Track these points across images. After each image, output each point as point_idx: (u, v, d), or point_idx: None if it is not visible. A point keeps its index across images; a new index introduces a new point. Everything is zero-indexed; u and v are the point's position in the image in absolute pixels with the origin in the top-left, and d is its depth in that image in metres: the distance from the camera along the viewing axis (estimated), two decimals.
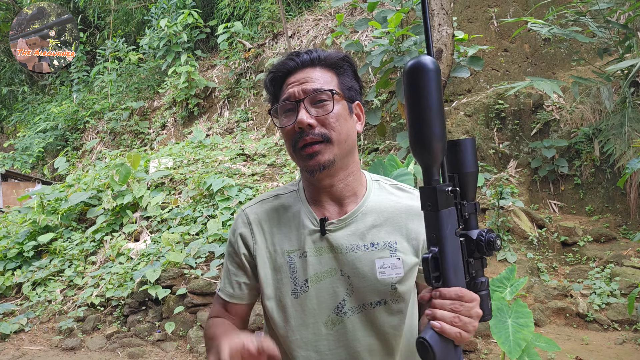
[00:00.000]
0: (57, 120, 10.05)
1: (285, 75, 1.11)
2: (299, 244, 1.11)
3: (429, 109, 0.81)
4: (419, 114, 0.82)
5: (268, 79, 1.13)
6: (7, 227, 5.95)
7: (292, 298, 1.09)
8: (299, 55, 1.11)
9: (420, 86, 0.81)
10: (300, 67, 1.10)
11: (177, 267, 4.24)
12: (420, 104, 0.82)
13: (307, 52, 1.11)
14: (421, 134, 0.82)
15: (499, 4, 6.33)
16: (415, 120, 0.82)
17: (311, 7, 8.85)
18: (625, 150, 4.31)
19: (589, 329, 3.71)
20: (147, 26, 9.80)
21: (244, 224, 1.17)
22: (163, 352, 3.81)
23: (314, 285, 1.09)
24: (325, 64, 1.11)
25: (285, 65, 1.11)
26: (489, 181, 5.02)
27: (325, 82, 1.09)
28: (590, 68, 5.29)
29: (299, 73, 1.10)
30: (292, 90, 1.08)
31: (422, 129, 0.82)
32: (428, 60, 0.82)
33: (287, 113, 1.09)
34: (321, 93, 1.07)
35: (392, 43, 4.61)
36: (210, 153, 6.37)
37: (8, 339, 4.18)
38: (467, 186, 0.86)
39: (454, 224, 0.84)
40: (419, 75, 0.81)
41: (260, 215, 1.16)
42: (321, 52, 1.12)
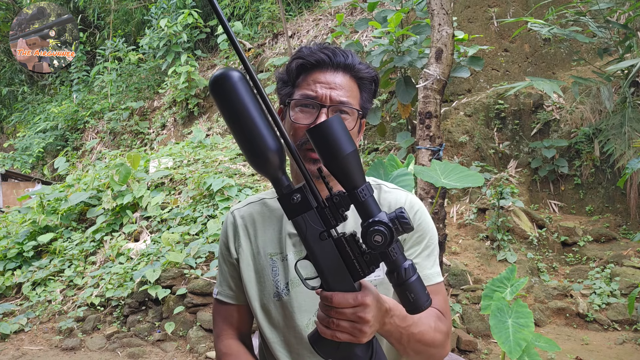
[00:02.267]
0: (57, 120, 10.05)
1: (314, 66, 1.08)
2: (281, 247, 1.12)
3: (247, 120, 0.78)
4: (240, 129, 0.78)
5: (296, 64, 1.09)
6: (7, 227, 5.95)
7: (274, 301, 1.11)
8: (335, 54, 1.08)
9: (228, 99, 0.77)
10: (333, 67, 1.07)
11: (177, 267, 4.24)
12: (235, 117, 0.78)
13: (343, 53, 1.08)
14: (251, 148, 0.78)
15: (499, 4, 6.33)
16: (240, 136, 0.79)
17: (311, 7, 8.85)
18: (625, 150, 4.30)
19: (589, 329, 3.71)
20: (147, 26, 9.80)
21: (231, 225, 1.18)
22: (163, 352, 3.81)
23: (294, 289, 1.10)
24: (356, 76, 1.09)
25: (318, 57, 1.07)
26: (489, 181, 5.02)
27: (352, 96, 1.08)
28: (590, 68, 5.28)
29: (330, 74, 1.07)
30: (321, 91, 1.05)
31: (250, 143, 0.78)
32: (226, 71, 0.78)
33: (304, 109, 1.07)
34: (349, 108, 1.06)
35: (392, 43, 4.61)
36: (210, 153, 6.37)
37: (8, 339, 4.18)
38: (346, 173, 0.77)
39: (314, 229, 0.80)
40: (221, 89, 0.78)
41: (246, 218, 1.18)
42: (356, 61, 1.09)
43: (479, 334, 3.65)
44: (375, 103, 5.58)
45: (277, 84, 1.14)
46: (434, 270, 1.13)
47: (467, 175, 2.60)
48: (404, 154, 4.96)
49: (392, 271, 0.79)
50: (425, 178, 2.54)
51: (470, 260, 4.31)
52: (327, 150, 0.77)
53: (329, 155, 0.77)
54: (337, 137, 0.77)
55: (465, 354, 3.39)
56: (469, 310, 3.76)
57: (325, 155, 0.78)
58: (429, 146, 3.45)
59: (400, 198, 1.15)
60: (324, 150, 0.77)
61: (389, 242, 0.75)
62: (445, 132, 5.37)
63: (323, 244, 0.81)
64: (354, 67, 1.08)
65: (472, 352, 3.41)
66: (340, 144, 0.77)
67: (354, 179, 0.78)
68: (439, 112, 3.53)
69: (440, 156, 3.43)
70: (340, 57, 1.08)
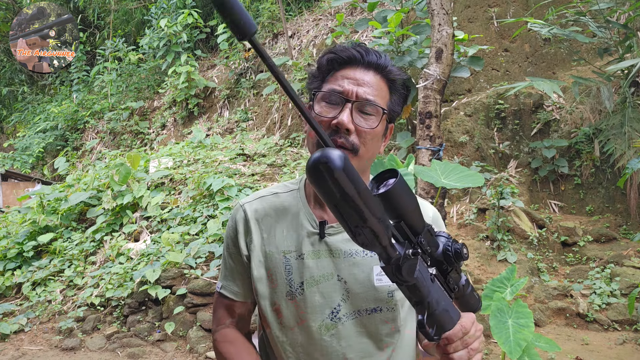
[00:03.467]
0: (57, 120, 10.04)
1: (345, 62, 1.06)
2: (297, 246, 1.08)
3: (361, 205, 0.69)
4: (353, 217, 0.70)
5: (327, 58, 1.07)
6: (7, 227, 5.95)
7: (286, 300, 1.08)
8: (368, 52, 1.06)
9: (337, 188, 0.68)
10: (364, 65, 1.06)
11: (177, 267, 4.24)
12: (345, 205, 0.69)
13: (376, 53, 1.07)
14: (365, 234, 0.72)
15: (499, 4, 6.32)
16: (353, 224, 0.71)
17: (311, 7, 8.85)
18: (625, 150, 4.30)
19: (589, 329, 3.70)
20: (147, 26, 9.80)
21: (241, 220, 1.14)
22: (163, 352, 3.80)
23: (310, 289, 1.06)
24: (387, 77, 1.08)
25: (349, 54, 1.06)
26: (489, 181, 5.01)
27: (380, 97, 1.05)
28: (591, 68, 5.28)
29: (360, 71, 1.05)
30: (348, 87, 1.03)
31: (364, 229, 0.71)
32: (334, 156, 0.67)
33: (328, 103, 1.04)
34: (374, 106, 1.04)
35: (392, 43, 4.61)
36: (210, 153, 6.37)
37: (8, 339, 4.17)
38: (414, 222, 0.78)
39: (426, 272, 0.81)
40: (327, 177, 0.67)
41: (258, 212, 1.13)
42: (389, 62, 1.08)
43: None
44: None
45: (308, 78, 1.13)
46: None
47: (467, 175, 2.60)
48: (404, 154, 4.96)
49: (455, 287, 0.87)
50: (425, 178, 2.54)
51: (471, 260, 4.31)
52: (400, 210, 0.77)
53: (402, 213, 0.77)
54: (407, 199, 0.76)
55: None
56: None
57: (399, 213, 0.77)
58: (429, 146, 3.45)
59: (428, 210, 1.18)
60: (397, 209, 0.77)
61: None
62: (446, 132, 5.36)
63: (435, 284, 0.83)
64: (385, 67, 1.07)
65: None
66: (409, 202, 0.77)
67: (422, 222, 0.81)
68: (439, 112, 3.53)
69: (440, 156, 3.43)
70: (373, 56, 1.06)
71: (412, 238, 0.80)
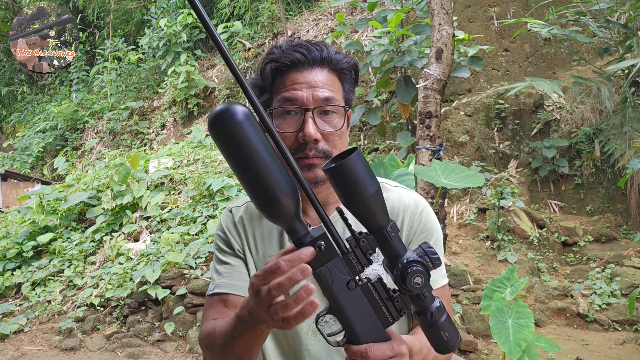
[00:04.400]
0: (57, 120, 10.04)
1: (289, 67, 1.02)
2: (280, 249, 1.07)
3: (255, 164, 0.67)
4: (247, 174, 0.68)
5: (270, 67, 1.02)
6: (7, 227, 5.94)
7: None
8: (310, 50, 1.01)
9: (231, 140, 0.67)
10: (309, 64, 1.01)
11: (177, 267, 4.23)
12: (241, 161, 0.68)
13: (317, 48, 1.02)
14: (261, 195, 0.69)
15: (499, 4, 6.32)
16: (247, 182, 0.69)
17: (311, 7, 8.84)
18: (625, 150, 4.30)
19: (590, 329, 3.70)
20: (146, 26, 9.79)
21: (231, 223, 1.13)
22: (163, 353, 3.80)
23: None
24: (335, 68, 1.04)
25: (292, 58, 1.01)
26: (489, 181, 5.01)
27: (335, 90, 1.02)
28: (591, 68, 5.28)
29: (307, 72, 1.01)
30: (301, 93, 0.99)
31: (259, 190, 0.69)
32: (228, 107, 0.68)
33: (286, 116, 1.00)
34: (333, 106, 1.01)
35: (392, 43, 4.60)
36: (210, 153, 6.36)
37: (7, 339, 4.17)
38: (371, 213, 0.72)
39: (340, 278, 0.73)
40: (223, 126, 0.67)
41: (245, 218, 1.12)
42: (332, 52, 1.03)
43: (479, 334, 3.65)
44: (375, 103, 5.57)
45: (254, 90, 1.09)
46: (440, 273, 1.09)
47: (468, 175, 2.59)
48: (404, 154, 4.96)
49: (423, 312, 0.76)
50: (425, 178, 2.54)
51: (471, 260, 4.30)
52: (350, 191, 0.71)
53: (351, 196, 0.71)
54: (361, 176, 0.70)
55: (466, 354, 3.39)
56: (469, 310, 3.75)
57: (348, 196, 0.71)
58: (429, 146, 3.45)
59: (404, 197, 1.10)
60: (346, 190, 0.71)
61: (427, 282, 0.73)
62: (446, 132, 5.36)
63: (351, 293, 0.74)
64: (331, 59, 1.03)
65: (472, 353, 3.41)
66: (364, 183, 0.70)
67: (379, 218, 0.73)
68: (439, 112, 3.53)
69: (440, 156, 3.43)
70: (315, 52, 1.02)
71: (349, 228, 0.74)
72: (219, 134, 0.69)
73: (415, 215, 1.08)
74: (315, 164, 0.99)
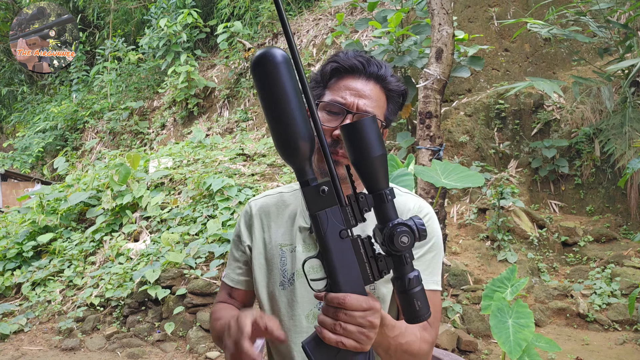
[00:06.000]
0: (57, 120, 10.04)
1: (348, 71, 1.12)
2: (291, 240, 1.17)
3: (284, 104, 0.76)
4: (275, 112, 0.77)
5: (331, 67, 1.13)
6: (7, 227, 5.94)
7: (280, 289, 1.16)
8: (370, 63, 1.12)
9: (270, 80, 0.76)
10: (366, 75, 1.12)
11: (177, 267, 4.23)
12: (272, 100, 0.77)
13: (377, 64, 1.13)
14: (283, 133, 0.77)
15: (499, 4, 6.32)
16: (274, 119, 0.77)
17: (311, 7, 8.84)
18: (625, 150, 4.30)
19: (590, 329, 3.70)
20: (146, 26, 9.79)
21: (247, 215, 1.24)
22: (163, 353, 3.80)
23: (299, 279, 1.14)
24: (386, 87, 1.14)
25: (352, 64, 1.11)
26: (489, 181, 5.01)
27: (378, 107, 1.12)
28: (591, 68, 5.28)
29: (361, 81, 1.11)
30: (350, 99, 1.09)
31: (283, 128, 0.77)
32: (275, 52, 0.77)
33: (329, 113, 1.11)
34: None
35: (392, 43, 4.60)
36: (210, 153, 6.36)
37: (7, 339, 4.17)
38: (373, 174, 0.79)
39: (335, 226, 0.78)
40: (266, 68, 0.76)
41: (262, 208, 1.23)
42: (389, 72, 1.14)
43: (479, 334, 3.65)
44: None
45: (310, 83, 1.17)
46: (432, 278, 1.14)
47: (468, 175, 2.59)
48: (404, 154, 4.96)
49: (400, 278, 0.79)
50: (425, 178, 2.54)
51: (471, 260, 4.30)
52: (359, 149, 0.78)
53: (359, 153, 0.78)
54: (371, 137, 0.78)
55: (466, 354, 3.39)
56: (469, 310, 3.75)
57: (356, 154, 0.78)
58: (429, 146, 3.45)
59: (409, 202, 1.19)
60: (356, 148, 0.78)
61: (411, 245, 0.77)
62: (446, 132, 5.36)
63: (341, 242, 0.79)
64: (385, 78, 1.13)
65: (473, 353, 3.41)
66: (372, 144, 0.78)
67: (380, 180, 0.79)
68: (439, 112, 3.53)
69: (440, 156, 3.43)
70: (374, 67, 1.12)
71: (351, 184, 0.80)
72: (258, 74, 0.77)
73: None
74: (340, 161, 1.09)
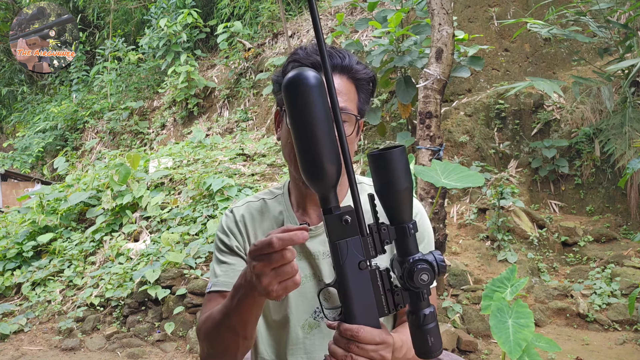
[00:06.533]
0: (57, 120, 10.04)
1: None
2: None
3: (315, 129, 0.74)
4: (307, 136, 0.75)
5: (292, 67, 1.05)
6: (7, 227, 5.94)
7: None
8: (332, 56, 1.05)
9: (302, 103, 0.74)
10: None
11: (177, 267, 4.23)
12: (305, 124, 0.74)
13: (339, 55, 1.06)
14: (312, 158, 0.75)
15: (499, 4, 6.32)
16: (303, 143, 0.75)
17: None
18: (625, 150, 4.30)
19: (590, 329, 3.70)
20: (146, 26, 9.79)
21: (232, 222, 1.17)
22: (163, 353, 3.80)
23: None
24: (353, 77, 1.07)
25: (314, 60, 1.04)
26: (489, 181, 5.01)
27: (349, 100, 1.05)
28: (591, 68, 5.28)
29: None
30: None
31: (312, 153, 0.75)
32: (309, 74, 0.75)
33: None
34: (347, 114, 1.04)
35: (392, 43, 4.60)
36: (210, 153, 6.36)
37: (7, 339, 4.17)
38: (398, 206, 0.77)
39: (355, 256, 0.77)
40: (299, 90, 0.74)
41: (245, 217, 1.16)
42: (353, 61, 1.07)
43: (479, 334, 3.65)
44: (375, 103, 5.57)
45: (273, 86, 1.12)
46: None
47: (468, 175, 2.59)
48: None
49: (415, 312, 0.78)
50: (425, 178, 2.54)
51: (471, 260, 4.30)
52: (386, 180, 0.76)
53: (386, 185, 0.76)
54: (399, 169, 0.76)
55: (466, 354, 3.39)
56: (469, 310, 3.75)
57: (383, 185, 0.77)
58: (429, 146, 3.45)
59: None
60: (383, 178, 0.77)
61: (431, 283, 0.76)
62: (446, 132, 5.36)
63: (359, 273, 0.77)
64: (351, 68, 1.06)
65: (472, 353, 3.41)
66: (400, 176, 0.76)
67: (404, 213, 0.77)
68: (439, 112, 3.53)
69: (440, 156, 3.43)
70: (337, 58, 1.05)
71: (373, 214, 0.78)
72: (291, 97, 0.76)
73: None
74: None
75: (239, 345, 0.96)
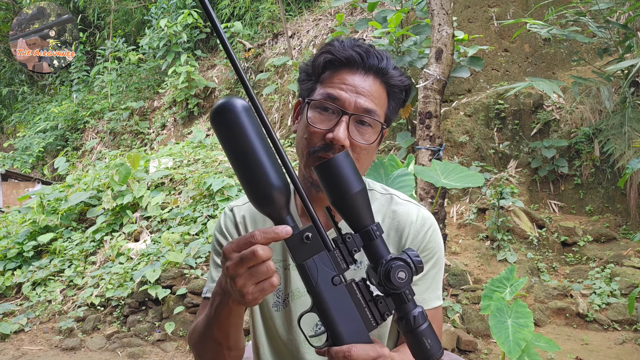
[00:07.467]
0: (57, 120, 10.05)
1: (343, 64, 0.98)
2: (283, 255, 1.06)
3: (252, 154, 0.70)
4: (242, 165, 0.71)
5: (324, 59, 0.99)
6: (7, 227, 5.95)
7: (273, 310, 1.06)
8: (369, 54, 0.97)
9: (232, 131, 0.70)
10: (364, 68, 0.98)
11: (177, 267, 4.24)
12: (237, 152, 0.71)
13: (377, 55, 0.98)
14: (255, 186, 0.71)
15: (499, 4, 6.33)
16: (242, 171, 0.71)
17: (311, 7, 8.85)
18: (625, 150, 4.30)
19: (589, 329, 3.71)
20: (147, 26, 9.80)
21: (232, 223, 1.10)
22: (163, 352, 3.81)
23: (295, 301, 1.05)
24: (387, 82, 1.00)
25: (348, 55, 0.97)
26: (489, 181, 5.02)
27: (378, 105, 0.98)
28: (590, 68, 5.29)
29: (359, 76, 0.97)
30: (346, 96, 0.95)
31: (252, 181, 0.71)
32: (235, 101, 0.71)
33: (322, 111, 0.97)
34: (370, 119, 0.97)
35: (392, 43, 4.61)
36: (210, 153, 6.37)
37: (8, 339, 4.18)
38: (356, 211, 0.74)
39: (326, 273, 0.73)
40: (225, 119, 0.70)
41: (246, 218, 1.10)
42: (391, 65, 0.99)
43: (479, 334, 3.65)
44: None
45: (300, 74, 1.05)
46: (435, 294, 1.07)
47: (467, 175, 2.60)
48: (404, 154, 4.96)
49: (404, 317, 0.75)
50: (425, 178, 2.54)
51: (470, 260, 4.31)
52: (336, 188, 0.73)
53: (337, 193, 0.73)
54: (347, 174, 0.73)
55: (465, 354, 3.39)
56: (469, 310, 3.76)
57: (334, 194, 0.74)
58: (429, 146, 3.45)
59: (412, 213, 1.06)
60: (333, 188, 0.73)
61: (410, 280, 0.72)
62: (445, 132, 5.37)
63: (335, 290, 0.73)
64: (387, 72, 0.99)
65: (472, 352, 3.41)
66: (349, 181, 0.73)
67: (364, 217, 0.74)
68: (439, 112, 3.54)
69: (440, 156, 3.43)
70: (374, 58, 0.98)
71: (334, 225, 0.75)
72: (218, 126, 0.72)
73: (419, 233, 1.05)
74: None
75: (225, 356, 0.92)
